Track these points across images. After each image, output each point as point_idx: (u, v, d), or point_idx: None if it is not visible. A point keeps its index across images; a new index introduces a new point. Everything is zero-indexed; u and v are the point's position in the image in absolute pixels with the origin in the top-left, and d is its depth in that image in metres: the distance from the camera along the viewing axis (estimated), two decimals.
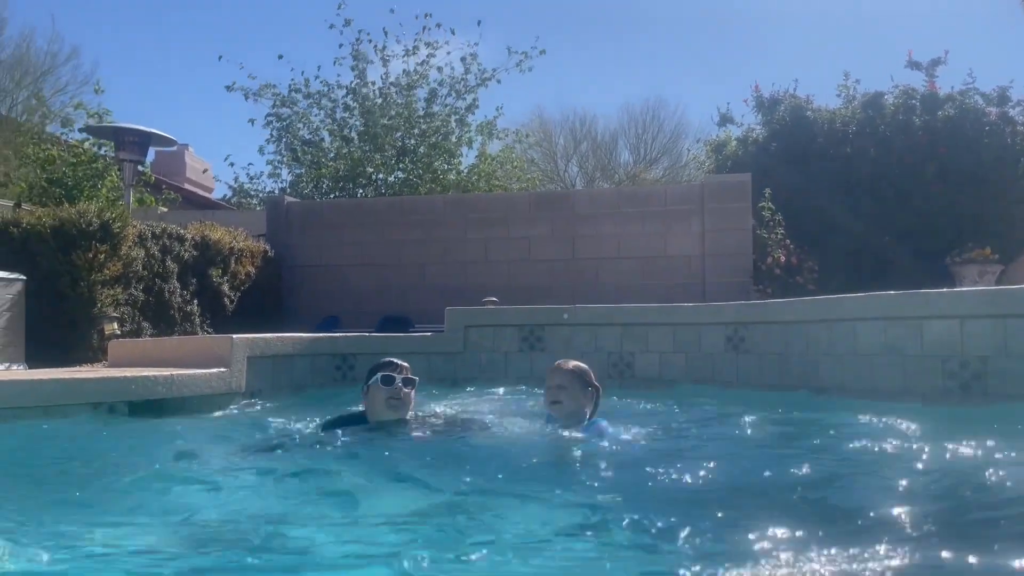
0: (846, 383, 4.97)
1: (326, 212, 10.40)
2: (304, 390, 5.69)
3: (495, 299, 7.99)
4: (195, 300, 7.98)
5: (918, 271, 9.22)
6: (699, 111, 28.85)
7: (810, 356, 5.31)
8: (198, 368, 4.87)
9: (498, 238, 9.58)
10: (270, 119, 14.90)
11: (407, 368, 3.83)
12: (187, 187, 17.23)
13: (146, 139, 8.78)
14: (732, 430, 4.12)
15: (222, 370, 4.98)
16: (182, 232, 7.90)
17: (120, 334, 6.63)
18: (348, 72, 14.80)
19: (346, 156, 14.35)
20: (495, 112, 15.57)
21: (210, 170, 18.85)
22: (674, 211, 9.22)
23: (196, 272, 8.04)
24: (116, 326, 6.64)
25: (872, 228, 10.39)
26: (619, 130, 28.79)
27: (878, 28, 37.20)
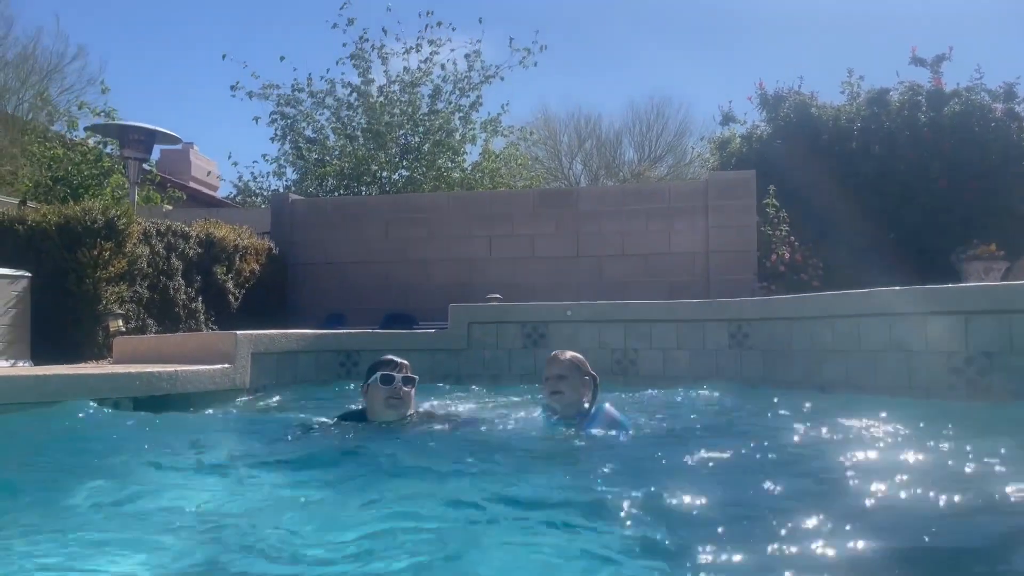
0: (850, 379, 4.96)
1: (330, 210, 10.40)
2: (308, 386, 5.70)
3: (499, 296, 7.99)
4: (200, 297, 8.00)
5: (923, 268, 9.18)
6: (704, 109, 28.97)
7: (814, 353, 5.30)
8: (203, 364, 4.88)
9: (502, 235, 9.58)
10: (274, 117, 14.95)
11: (406, 366, 3.76)
12: (192, 185, 17.26)
13: (150, 137, 8.81)
14: (733, 426, 4.12)
15: (226, 366, 5.00)
16: (187, 229, 7.92)
17: (125, 331, 6.65)
18: (352, 71, 14.85)
19: (350, 154, 14.37)
20: (500, 109, 15.61)
21: (215, 169, 18.91)
22: (678, 208, 9.20)
23: (201, 269, 8.06)
24: (121, 323, 6.65)
25: (877, 225, 10.35)
26: (624, 128, 28.78)
27: (882, 25, 37.10)
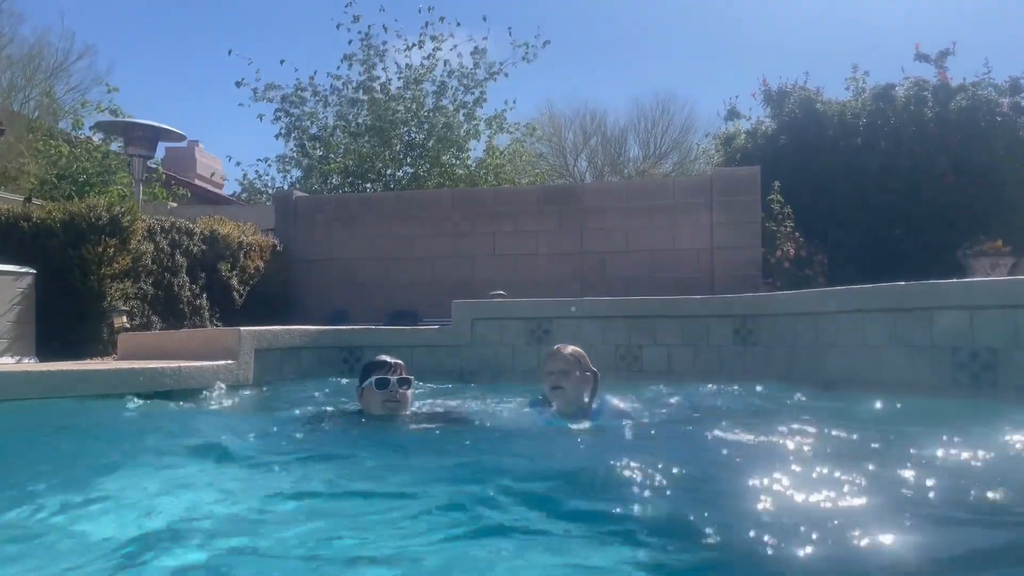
0: (854, 375, 4.95)
1: (335, 207, 10.41)
2: (311, 382, 5.70)
3: (503, 292, 7.98)
4: (204, 294, 8.01)
5: (929, 264, 9.14)
6: (709, 105, 28.74)
7: (818, 348, 5.28)
8: (206, 360, 4.90)
9: (506, 232, 9.57)
10: (279, 114, 14.99)
11: (401, 367, 3.63)
12: (197, 183, 17.31)
13: (155, 134, 8.83)
14: (736, 423, 4.10)
15: (229, 362, 5.01)
16: (191, 226, 7.93)
17: (129, 327, 6.67)
18: (356, 68, 14.85)
19: (354, 151, 14.39)
20: (504, 105, 15.59)
21: (220, 169, 18.96)
22: (683, 204, 9.18)
23: (205, 266, 8.07)
24: (125, 319, 6.67)
25: (882, 221, 10.31)
26: (628, 125, 28.78)
27: (886, 21, 36.93)
